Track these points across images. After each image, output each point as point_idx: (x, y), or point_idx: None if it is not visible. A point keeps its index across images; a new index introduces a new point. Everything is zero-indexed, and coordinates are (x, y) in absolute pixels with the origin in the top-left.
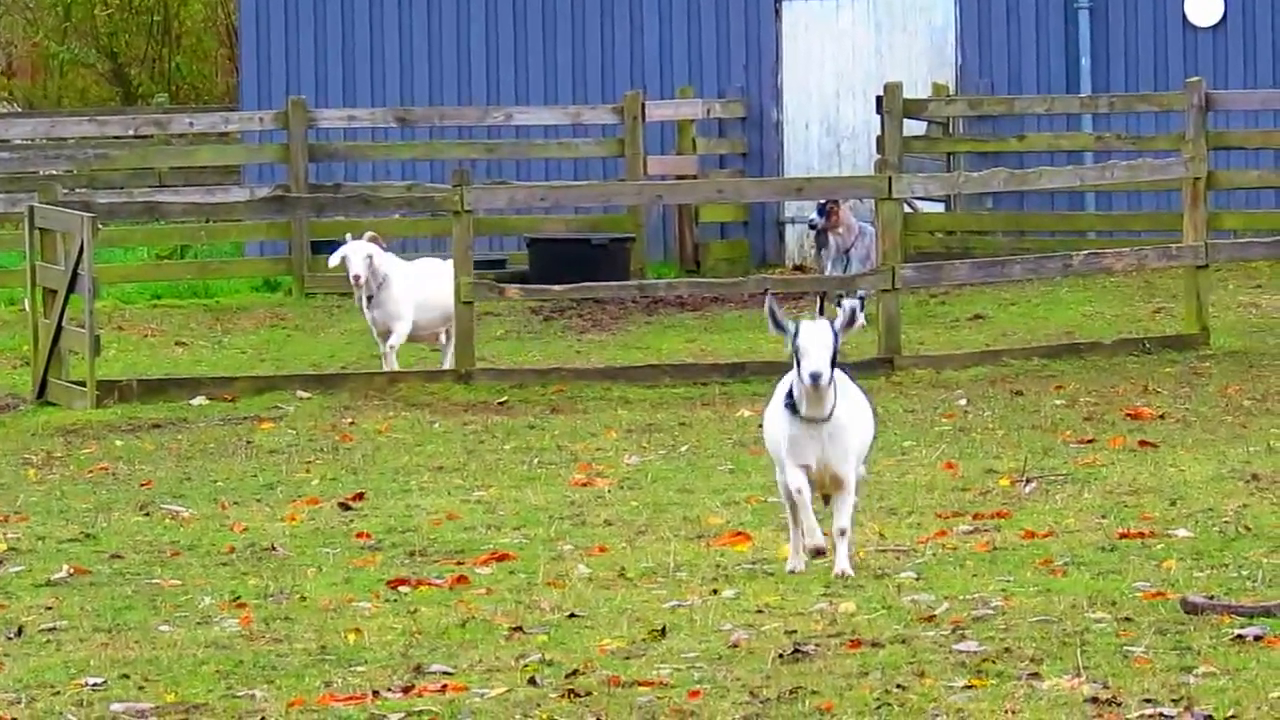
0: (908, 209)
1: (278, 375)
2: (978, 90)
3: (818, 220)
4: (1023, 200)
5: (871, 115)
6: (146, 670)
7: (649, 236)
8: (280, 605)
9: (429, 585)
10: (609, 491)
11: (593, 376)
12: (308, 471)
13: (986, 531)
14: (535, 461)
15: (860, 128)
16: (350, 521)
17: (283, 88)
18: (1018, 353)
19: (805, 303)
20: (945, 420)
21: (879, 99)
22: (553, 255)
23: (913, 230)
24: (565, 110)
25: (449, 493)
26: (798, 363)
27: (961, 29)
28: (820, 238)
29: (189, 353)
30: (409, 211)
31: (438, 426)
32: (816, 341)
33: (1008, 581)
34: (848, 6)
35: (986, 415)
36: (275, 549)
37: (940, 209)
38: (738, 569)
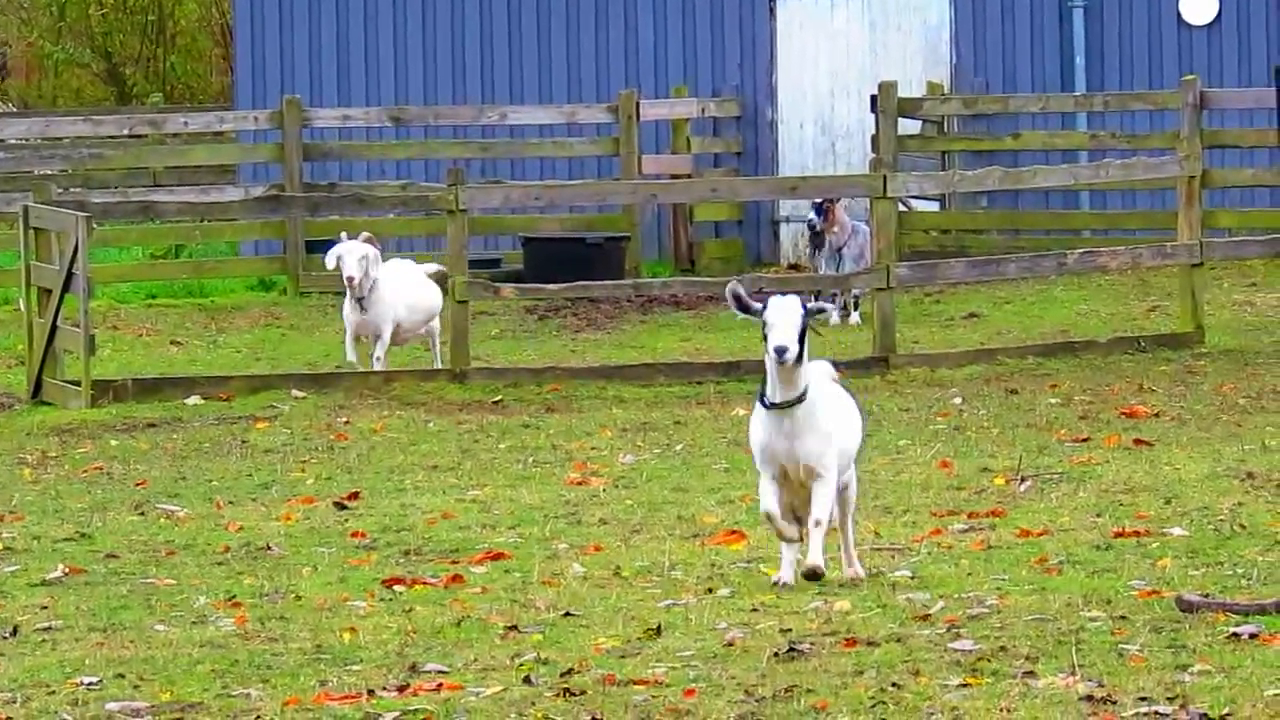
0: (902, 208)
1: (273, 375)
2: (972, 89)
3: (816, 220)
4: (1017, 199)
5: (866, 114)
6: (142, 669)
7: (644, 235)
8: (275, 604)
9: (424, 584)
10: (604, 490)
11: (588, 375)
12: (303, 471)
13: (981, 530)
14: (530, 460)
15: (855, 126)
16: (345, 521)
17: (277, 87)
18: (1012, 351)
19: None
20: (940, 419)
21: (873, 98)
22: (548, 254)
23: (907, 229)
24: (560, 109)
25: (444, 492)
26: (765, 339)
27: (956, 27)
28: (816, 238)
29: (184, 352)
30: (404, 211)
31: (433, 426)
32: (784, 316)
33: (1003, 580)
34: (842, 5)
35: (981, 414)
36: (270, 548)
37: (935, 208)
38: (733, 568)
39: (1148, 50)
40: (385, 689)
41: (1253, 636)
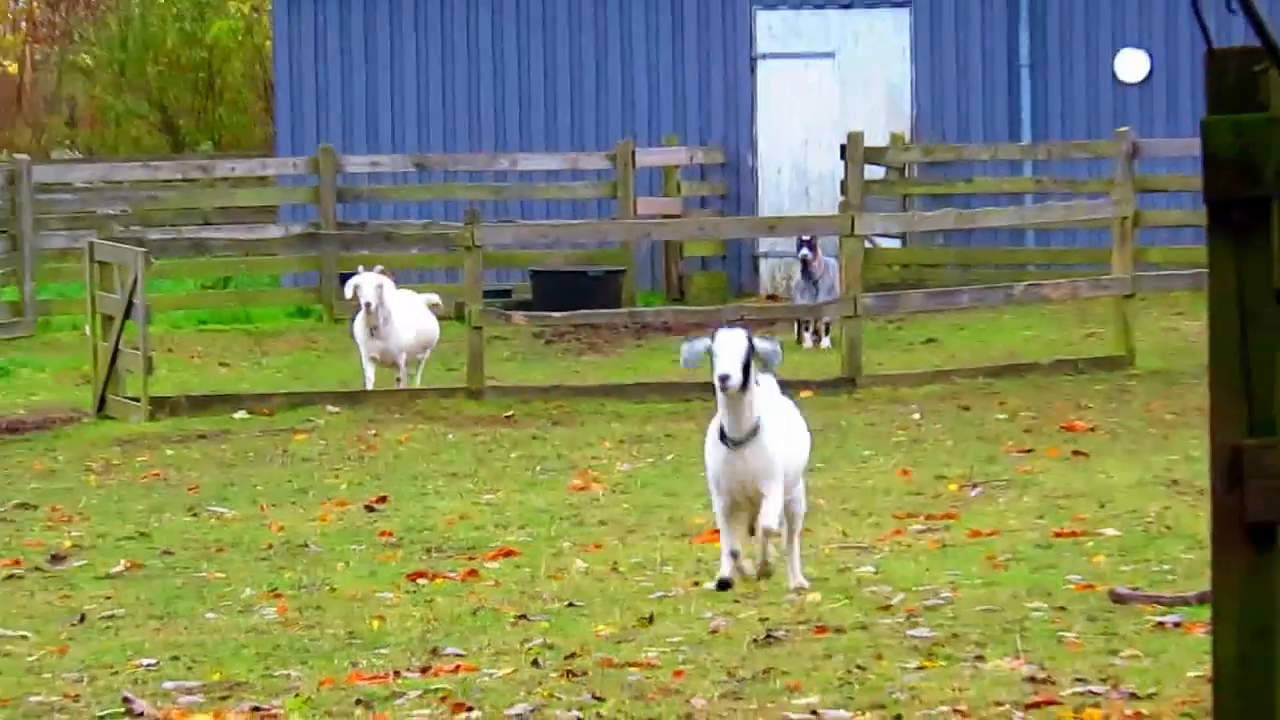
0: (868, 245)
1: (310, 392)
2: (930, 139)
3: (809, 255)
4: (970, 237)
5: (836, 162)
6: (194, 652)
7: (639, 269)
8: (312, 595)
9: (444, 578)
10: (603, 495)
11: (589, 394)
12: (337, 477)
13: (937, 531)
14: (538, 468)
15: (826, 173)
16: (374, 521)
17: (314, 137)
18: (965, 372)
19: (778, 328)
20: (901, 432)
21: (843, 147)
22: (553, 286)
23: (872, 264)
24: (564, 156)
25: (461, 496)
26: (712, 368)
27: (916, 85)
28: (806, 270)
29: (231, 372)
30: (426, 247)
31: (451, 437)
32: (728, 347)
33: (956, 575)
34: (815, 65)
35: (937, 428)
36: (308, 546)
37: (897, 245)
38: (717, 564)
39: (1086, 105)
40: (409, 670)
41: (1176, 625)
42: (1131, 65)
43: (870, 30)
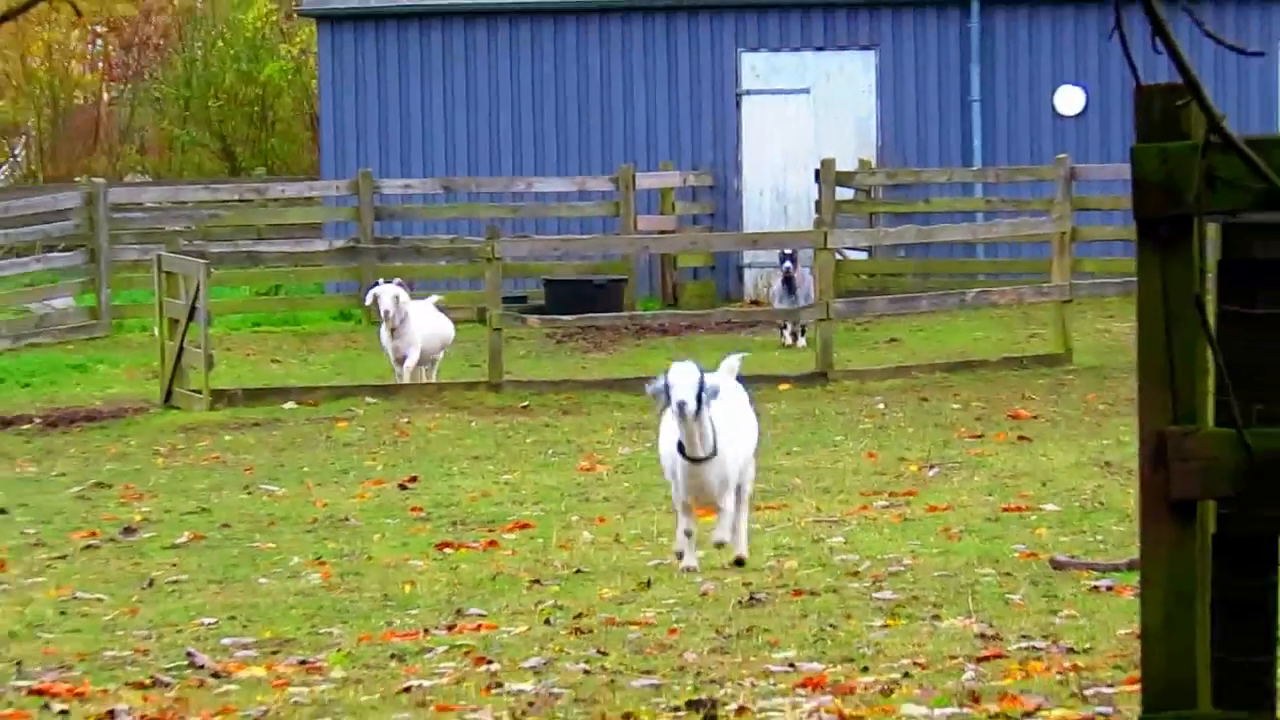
0: (839, 256)
1: (351, 385)
2: (893, 164)
3: (791, 267)
4: (928, 250)
5: (811, 184)
6: (249, 613)
7: (638, 278)
8: (352, 563)
9: (467, 548)
10: (607, 475)
11: (594, 387)
12: (374, 460)
13: (899, 506)
14: (550, 452)
15: (802, 194)
16: (407, 498)
17: (354, 163)
18: (924, 368)
19: (759, 330)
20: (868, 420)
21: (817, 171)
22: (564, 293)
23: (842, 273)
24: (573, 180)
25: (483, 476)
26: (669, 398)
27: (881, 117)
28: (788, 280)
29: (281, 368)
30: (451, 259)
31: (475, 425)
32: (681, 379)
33: (915, 545)
34: (793, 99)
35: (899, 416)
36: (349, 520)
37: (864, 257)
38: (706, 534)
39: (1029, 135)
40: (437, 628)
41: (1109, 589)
42: (1069, 100)
43: (841, 70)
